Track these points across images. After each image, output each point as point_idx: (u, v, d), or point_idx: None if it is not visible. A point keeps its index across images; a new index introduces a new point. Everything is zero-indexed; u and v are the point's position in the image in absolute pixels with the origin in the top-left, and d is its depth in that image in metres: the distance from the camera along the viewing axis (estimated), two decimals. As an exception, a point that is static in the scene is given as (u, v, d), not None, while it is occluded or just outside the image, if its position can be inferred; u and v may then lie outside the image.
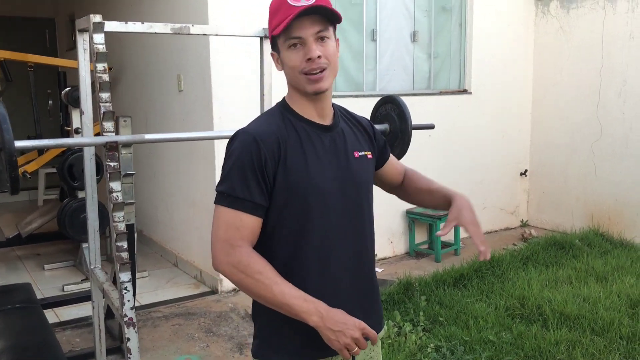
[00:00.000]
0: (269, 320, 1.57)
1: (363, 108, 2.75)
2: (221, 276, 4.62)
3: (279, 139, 1.50)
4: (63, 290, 4.65)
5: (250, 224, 1.47)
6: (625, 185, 5.77)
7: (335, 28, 1.56)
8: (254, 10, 4.47)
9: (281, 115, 1.57)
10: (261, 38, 2.99)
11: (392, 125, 2.80)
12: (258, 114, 3.11)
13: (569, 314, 3.88)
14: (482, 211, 6.33)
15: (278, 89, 3.39)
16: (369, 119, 1.86)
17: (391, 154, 1.88)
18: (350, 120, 1.71)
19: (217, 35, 2.95)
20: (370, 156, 1.70)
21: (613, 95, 5.79)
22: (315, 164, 1.53)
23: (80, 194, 4.82)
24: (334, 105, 1.66)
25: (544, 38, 6.38)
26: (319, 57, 1.49)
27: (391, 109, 2.81)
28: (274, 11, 1.52)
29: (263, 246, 1.53)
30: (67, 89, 4.87)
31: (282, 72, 1.58)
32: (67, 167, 4.80)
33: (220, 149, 4.50)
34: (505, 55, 6.27)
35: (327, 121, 1.61)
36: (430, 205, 1.86)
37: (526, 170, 6.64)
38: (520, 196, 6.69)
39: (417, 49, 5.79)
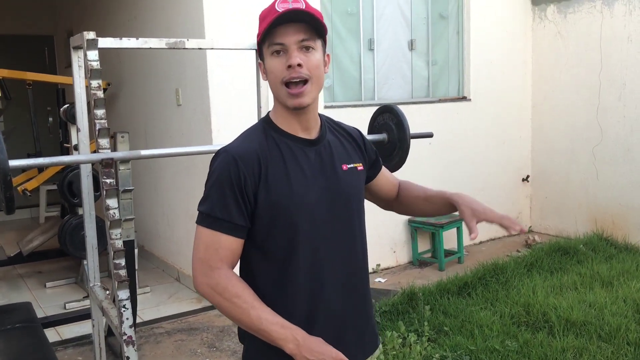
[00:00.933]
0: (254, 343, 1.51)
1: (362, 117, 2.75)
2: (223, 290, 4.58)
3: (260, 156, 1.46)
4: (65, 308, 4.62)
5: (229, 245, 1.45)
6: (628, 188, 5.74)
7: (325, 42, 1.52)
8: (250, 23, 4.46)
9: (264, 131, 1.53)
10: (256, 50, 2.98)
11: (390, 134, 2.78)
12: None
13: (575, 320, 3.84)
14: (484, 218, 6.29)
15: (272, 100, 3.39)
16: (367, 128, 1.83)
17: (384, 167, 1.82)
18: (339, 132, 1.66)
19: (212, 49, 2.94)
20: (360, 167, 1.64)
21: (613, 98, 5.77)
22: (299, 181, 1.48)
23: (81, 211, 4.80)
24: (321, 116, 1.62)
25: (541, 43, 6.37)
26: (299, 65, 1.44)
27: (389, 118, 2.79)
28: (262, 18, 1.48)
29: (254, 264, 1.51)
30: (66, 105, 4.86)
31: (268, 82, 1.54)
32: (67, 184, 4.79)
33: (219, 162, 4.48)
34: (504, 61, 6.27)
35: (313, 134, 1.56)
36: (430, 212, 1.79)
37: (528, 176, 6.61)
38: (522, 202, 6.66)
39: (415, 57, 5.79)
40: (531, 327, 3.89)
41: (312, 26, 1.46)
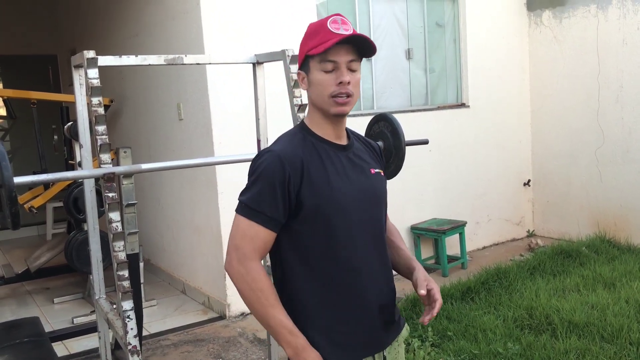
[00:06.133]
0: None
1: (361, 126, 2.80)
2: (229, 301, 4.64)
3: (302, 158, 1.60)
4: (73, 322, 4.67)
5: (263, 236, 1.58)
6: (629, 190, 5.76)
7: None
8: (248, 38, 4.55)
9: (302, 136, 1.67)
10: (254, 64, 3.05)
11: (386, 142, 2.83)
12: (254, 137, 3.18)
13: (577, 322, 3.86)
14: (487, 224, 6.34)
15: (272, 112, 3.45)
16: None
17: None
18: (363, 142, 1.84)
19: (210, 63, 3.01)
20: (383, 174, 1.81)
21: (611, 101, 5.81)
22: (337, 180, 1.64)
23: (87, 227, 4.86)
24: (346, 128, 1.78)
25: (538, 48, 6.42)
26: (349, 83, 1.61)
27: (384, 127, 2.84)
28: (312, 33, 1.63)
29: (293, 256, 1.64)
30: (69, 123, 4.95)
31: (303, 91, 1.72)
32: (72, 200, 4.86)
33: (221, 175, 4.55)
34: (501, 67, 6.32)
35: (344, 141, 1.73)
36: (392, 261, 1.87)
37: (529, 180, 6.64)
38: (525, 206, 6.68)
39: (412, 66, 5.85)
40: (534, 329, 3.91)
41: (362, 48, 1.63)
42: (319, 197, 1.60)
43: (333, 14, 1.64)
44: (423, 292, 1.69)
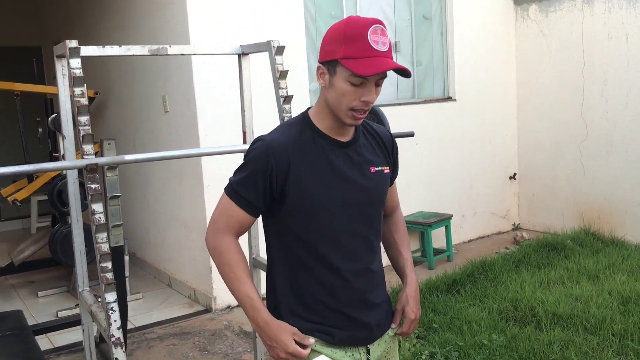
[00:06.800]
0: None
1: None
2: (215, 294, 4.62)
3: (290, 154, 1.59)
4: (57, 316, 4.63)
5: (240, 217, 1.64)
6: (613, 183, 5.81)
7: None
8: (234, 29, 4.53)
9: (301, 128, 1.65)
10: (239, 55, 3.03)
11: (371, 134, 2.83)
12: (240, 129, 3.16)
13: (561, 314, 3.89)
14: (473, 217, 6.36)
15: (258, 103, 3.43)
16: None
17: (394, 184, 1.92)
18: (372, 134, 1.77)
19: (194, 54, 2.99)
20: (387, 171, 1.76)
21: (596, 95, 5.85)
22: (328, 180, 1.62)
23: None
24: None
25: (524, 42, 6.45)
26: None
27: (370, 119, 2.84)
28: (350, 38, 1.53)
29: (277, 242, 1.69)
30: (53, 115, 4.90)
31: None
32: (57, 193, 4.82)
33: (207, 168, 4.52)
34: (488, 61, 6.34)
35: (346, 137, 1.67)
36: (390, 259, 1.92)
37: (515, 174, 6.68)
38: (510, 200, 6.72)
39: (399, 59, 5.85)
40: (519, 321, 3.94)
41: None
42: (305, 196, 1.60)
43: (373, 20, 1.54)
44: (393, 325, 1.78)
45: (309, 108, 1.72)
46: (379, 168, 1.73)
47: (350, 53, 1.52)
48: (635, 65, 5.50)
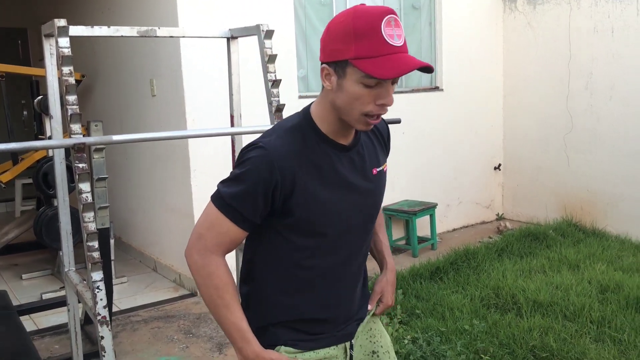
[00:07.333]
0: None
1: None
2: (200, 278, 4.63)
3: (296, 165, 1.43)
4: (41, 298, 4.63)
5: (233, 234, 1.45)
6: (595, 175, 5.90)
7: None
8: (223, 12, 4.52)
9: (303, 134, 1.48)
10: (228, 39, 3.03)
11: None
12: (228, 114, 3.17)
13: (542, 301, 3.96)
14: (457, 206, 6.43)
15: (246, 87, 3.44)
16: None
17: None
18: (373, 131, 1.64)
19: (183, 37, 2.99)
20: (386, 168, 1.67)
21: (581, 87, 5.92)
22: (332, 190, 1.49)
23: (57, 202, 4.81)
24: None
25: (512, 34, 6.50)
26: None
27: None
28: (361, 34, 1.34)
29: (266, 248, 1.56)
30: (39, 97, 4.87)
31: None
32: (42, 175, 4.79)
33: (194, 152, 4.53)
34: (475, 52, 6.38)
35: (350, 139, 1.53)
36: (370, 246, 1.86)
37: (500, 165, 6.75)
38: (495, 190, 6.80)
39: (388, 48, 5.86)
40: (500, 308, 4.00)
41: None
42: (310, 209, 1.46)
43: (385, 9, 1.35)
44: (370, 307, 1.71)
45: (309, 106, 1.53)
46: (380, 168, 1.62)
47: (363, 52, 1.33)
48: (620, 59, 5.57)
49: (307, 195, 1.45)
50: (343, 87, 1.38)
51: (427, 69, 1.39)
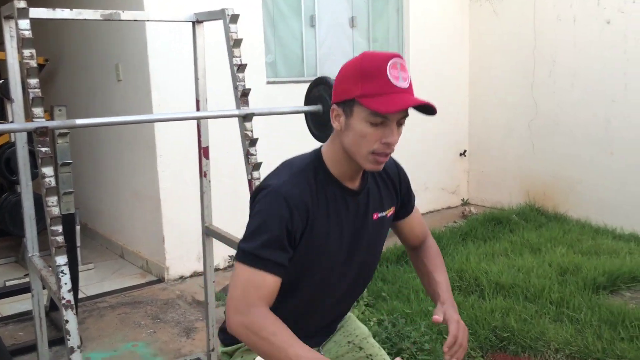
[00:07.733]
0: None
1: (304, 93, 2.82)
2: (167, 264, 4.64)
3: (310, 207, 1.47)
4: (5, 285, 4.56)
5: (270, 284, 1.43)
6: (557, 161, 6.04)
7: None
8: (189, 0, 4.48)
9: (314, 174, 1.51)
10: (193, 23, 3.01)
11: (325, 105, 2.87)
12: (194, 99, 3.16)
13: (504, 283, 4.06)
14: (424, 192, 6.52)
15: (213, 71, 3.42)
16: (304, 101, 1.80)
17: (416, 217, 1.84)
18: (380, 174, 1.68)
19: (148, 20, 2.96)
20: (390, 213, 1.69)
21: (545, 75, 6.04)
22: (336, 234, 1.54)
23: (20, 189, 4.74)
24: None
25: (478, 21, 6.58)
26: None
27: (323, 90, 2.87)
28: (367, 74, 1.42)
29: None
30: (0, 81, 4.77)
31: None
32: (5, 161, 4.71)
33: (160, 138, 4.50)
34: (442, 39, 6.44)
35: (356, 184, 1.58)
36: (423, 284, 1.87)
37: (465, 151, 6.86)
38: (460, 176, 6.91)
39: (356, 34, 5.89)
40: (464, 291, 4.10)
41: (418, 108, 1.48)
42: (313, 249, 1.51)
43: (392, 54, 1.44)
44: (438, 318, 1.66)
45: (320, 147, 1.58)
46: (383, 214, 1.65)
47: (368, 90, 1.40)
48: (582, 47, 5.70)
49: (313, 238, 1.49)
50: (350, 125, 1.44)
51: (430, 110, 1.46)
